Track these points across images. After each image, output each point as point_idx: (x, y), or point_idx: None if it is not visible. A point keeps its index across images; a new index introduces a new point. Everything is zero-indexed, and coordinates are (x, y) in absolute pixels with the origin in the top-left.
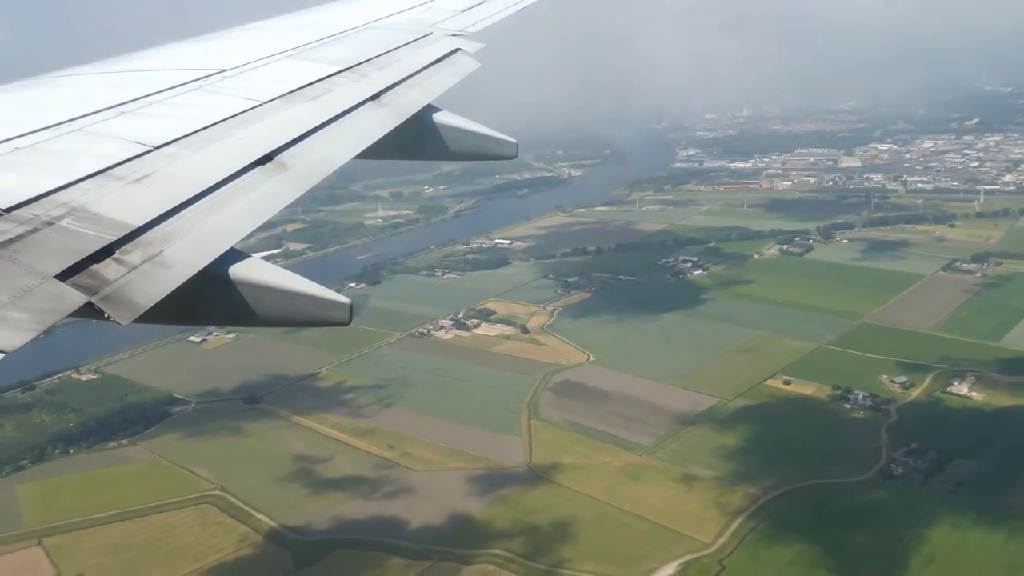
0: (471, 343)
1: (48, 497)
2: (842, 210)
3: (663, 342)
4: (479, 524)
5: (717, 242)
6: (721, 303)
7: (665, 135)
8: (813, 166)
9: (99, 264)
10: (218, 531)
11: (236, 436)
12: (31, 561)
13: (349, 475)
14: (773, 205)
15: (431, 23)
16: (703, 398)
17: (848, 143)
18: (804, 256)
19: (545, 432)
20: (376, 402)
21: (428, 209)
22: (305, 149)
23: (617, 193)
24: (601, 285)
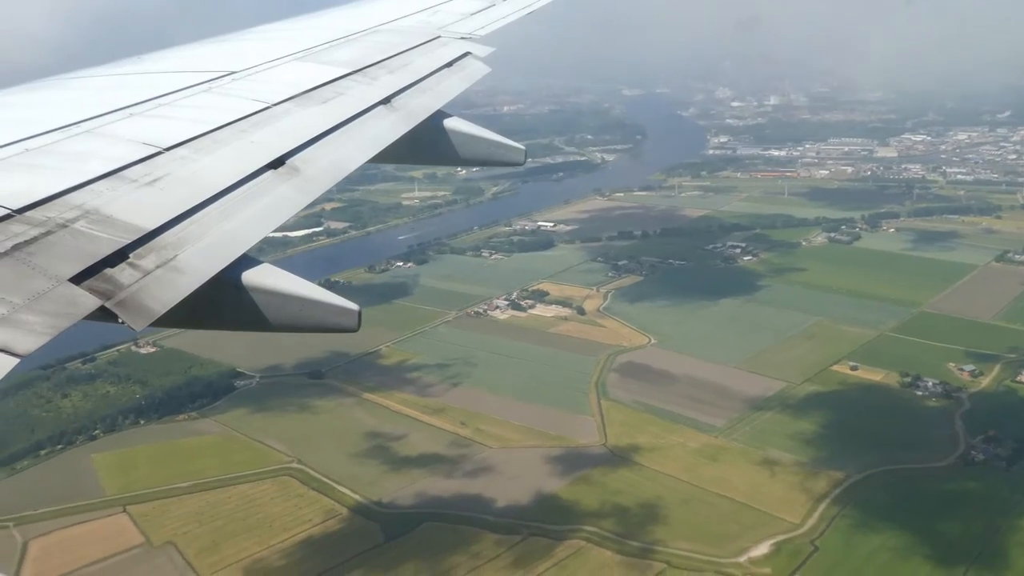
0: (529, 323)
1: (126, 466)
2: (884, 200)
3: (723, 326)
4: (565, 503)
5: (762, 229)
6: (777, 290)
7: (693, 122)
8: (848, 155)
9: (113, 268)
10: (302, 503)
11: (306, 412)
12: (118, 528)
13: (426, 452)
14: (814, 194)
15: (440, 26)
16: (771, 382)
17: (880, 133)
18: (852, 245)
19: (616, 412)
20: (443, 380)
21: (465, 190)
22: (317, 153)
23: (653, 178)
24: (651, 269)
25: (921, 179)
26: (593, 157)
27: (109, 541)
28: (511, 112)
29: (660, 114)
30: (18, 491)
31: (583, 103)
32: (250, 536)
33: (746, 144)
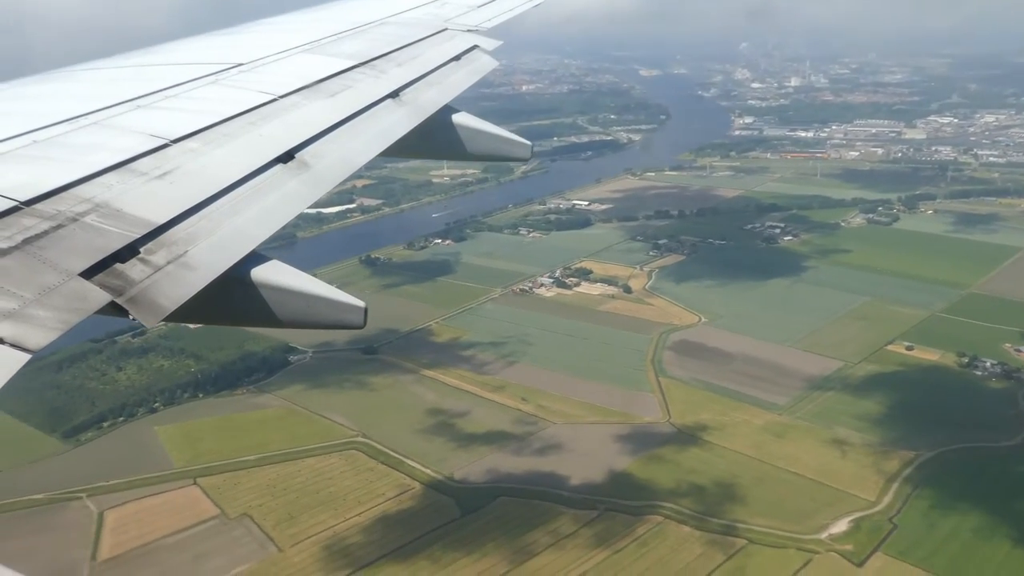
0: (576, 301)
1: (191, 439)
2: (919, 182)
3: (772, 306)
4: (640, 481)
5: (799, 209)
6: (823, 270)
7: (715, 103)
8: (875, 137)
9: (124, 264)
10: (372, 476)
11: (364, 388)
12: (191, 499)
13: (492, 429)
14: (848, 175)
15: (446, 18)
16: (828, 361)
17: (906, 115)
18: (892, 226)
19: (676, 390)
20: (499, 358)
21: (494, 169)
22: (326, 148)
23: (682, 158)
24: (692, 249)
25: (953, 161)
26: (618, 137)
27: (184, 513)
28: (530, 92)
29: (681, 95)
30: (86, 462)
31: (602, 83)
32: (325, 509)
33: (771, 125)
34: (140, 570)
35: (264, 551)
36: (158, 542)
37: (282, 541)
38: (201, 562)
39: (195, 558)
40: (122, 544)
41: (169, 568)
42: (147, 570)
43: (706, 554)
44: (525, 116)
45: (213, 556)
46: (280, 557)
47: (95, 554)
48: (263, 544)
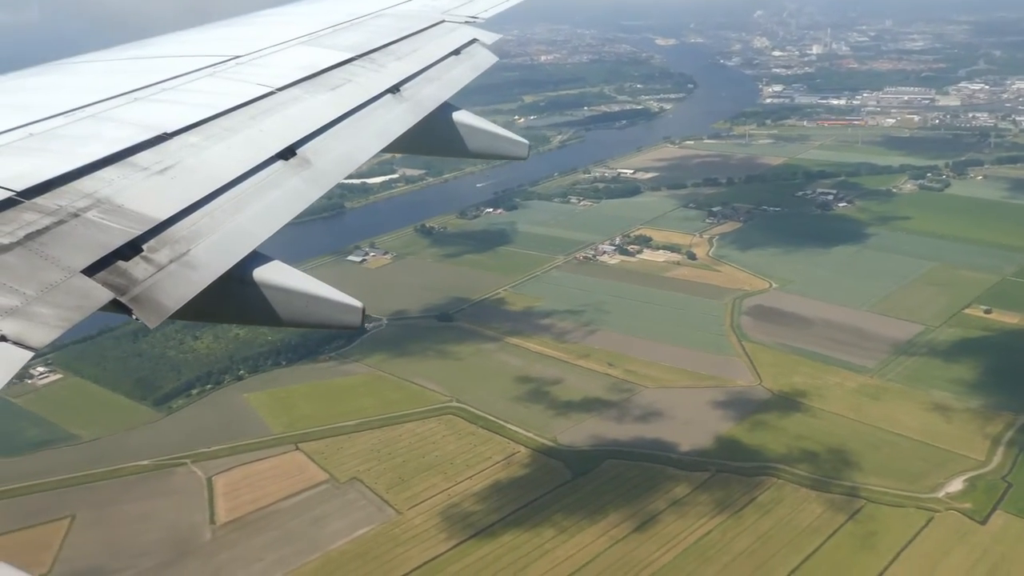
0: (641, 268)
1: (283, 406)
2: (963, 148)
3: (841, 272)
4: (746, 445)
5: (847, 176)
6: (887, 236)
7: (739, 71)
8: (908, 104)
9: (127, 262)
10: (474, 441)
11: (447, 356)
12: (297, 464)
13: (588, 396)
14: (890, 142)
15: (444, 10)
16: (907, 325)
17: (935, 82)
18: (944, 192)
19: (762, 354)
20: (579, 325)
21: (529, 139)
22: (327, 144)
23: (718, 126)
24: (748, 216)
25: (993, 127)
26: (649, 106)
27: (293, 477)
28: (549, 62)
29: (702, 64)
30: (182, 429)
31: (620, 53)
32: (434, 473)
33: (801, 93)
34: (261, 533)
35: (382, 514)
36: (273, 506)
37: (398, 504)
38: (321, 525)
39: (314, 521)
40: (238, 508)
41: (290, 531)
42: (267, 533)
43: (827, 514)
44: (550, 86)
45: (332, 519)
46: (400, 520)
47: (213, 517)
48: (379, 507)
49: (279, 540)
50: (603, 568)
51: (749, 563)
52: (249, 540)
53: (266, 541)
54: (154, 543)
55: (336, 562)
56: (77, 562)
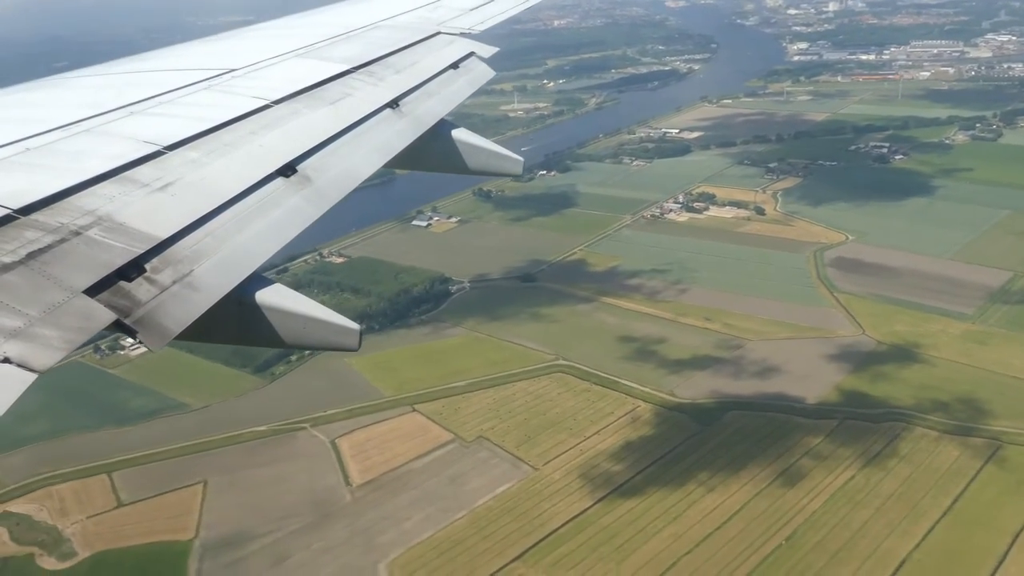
0: (712, 224)
1: (388, 369)
2: (1006, 99)
3: (916, 222)
4: (869, 392)
5: (895, 130)
6: (954, 187)
7: (758, 31)
8: (939, 57)
9: (130, 283)
10: (592, 397)
11: (542, 317)
12: (418, 425)
13: (697, 354)
14: (931, 95)
15: (439, 22)
16: (996, 272)
17: (960, 35)
18: (999, 142)
19: (857, 304)
20: (668, 283)
21: (564, 102)
22: (327, 160)
23: (752, 85)
24: (806, 171)
25: None
26: (676, 67)
27: (417, 438)
28: (563, 27)
29: (720, 24)
30: (291, 394)
31: (634, 16)
32: (559, 429)
33: (827, 50)
34: (400, 493)
35: (518, 471)
36: (406, 466)
37: (532, 460)
38: (460, 483)
39: (451, 480)
40: (370, 469)
41: (429, 490)
42: (407, 493)
43: (964, 458)
44: (571, 50)
45: (469, 477)
46: (538, 476)
47: (348, 479)
48: (514, 464)
49: (421, 499)
50: (754, 516)
51: (900, 505)
52: (390, 500)
53: (408, 500)
54: (294, 505)
55: (485, 518)
56: (221, 526)
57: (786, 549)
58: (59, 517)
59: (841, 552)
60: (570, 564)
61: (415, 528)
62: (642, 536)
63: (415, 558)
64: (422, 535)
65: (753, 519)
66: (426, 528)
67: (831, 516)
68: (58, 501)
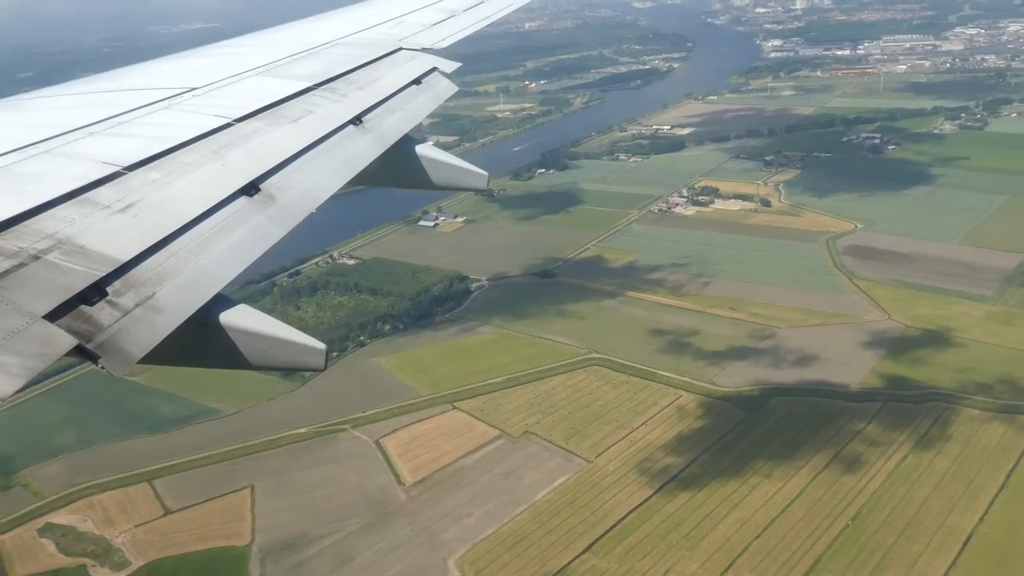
0: (720, 217)
1: (420, 368)
2: (985, 89)
3: (921, 210)
4: (907, 375)
5: (883, 121)
6: (953, 175)
7: (731, 29)
8: (912, 51)
9: (91, 306)
10: (632, 388)
11: (569, 312)
12: (461, 422)
13: (730, 342)
14: (913, 87)
15: (401, 38)
16: (1006, 255)
17: (929, 29)
18: (986, 131)
19: (878, 290)
20: (688, 275)
21: (551, 102)
22: (291, 179)
23: (734, 81)
24: (804, 163)
25: (1007, 67)
26: (655, 66)
27: (463, 435)
28: (535, 29)
29: (691, 24)
30: (324, 397)
31: (604, 17)
32: (605, 421)
33: (802, 46)
34: (455, 490)
35: (571, 463)
36: (456, 463)
37: (584, 453)
38: (515, 478)
39: (506, 475)
40: (421, 468)
41: (485, 486)
42: (463, 490)
43: (1011, 434)
44: (547, 51)
45: (523, 472)
46: (592, 468)
47: (399, 478)
48: (566, 457)
49: (479, 495)
50: (815, 499)
51: (956, 483)
52: (447, 497)
53: (465, 497)
54: (348, 506)
55: (546, 512)
56: (278, 530)
57: (853, 529)
58: (105, 527)
59: (908, 529)
60: (641, 553)
61: (478, 524)
62: (708, 523)
63: (483, 554)
64: (486, 531)
65: (815, 502)
66: (489, 524)
67: (891, 496)
68: (101, 511)
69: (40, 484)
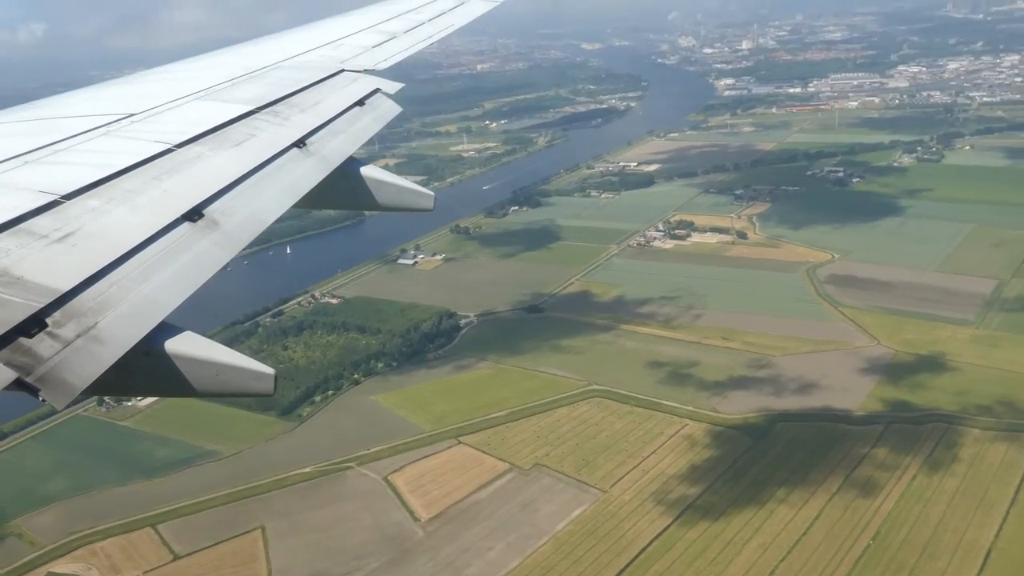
0: (699, 250)
1: (419, 404)
2: (936, 124)
3: (893, 240)
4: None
5: (844, 155)
6: (921, 206)
7: (681, 69)
8: (861, 88)
9: (30, 339)
10: (637, 419)
11: (564, 348)
12: (468, 457)
13: (728, 371)
14: (866, 122)
15: (342, 60)
16: (981, 280)
17: (873, 68)
18: (943, 163)
19: (862, 317)
20: (678, 308)
21: (514, 141)
22: (235, 203)
23: (692, 119)
24: (773, 196)
25: (953, 103)
26: (613, 105)
27: (472, 469)
28: (487, 71)
29: (642, 64)
30: (326, 435)
31: (555, 59)
32: (615, 451)
33: (754, 84)
34: (473, 524)
35: (586, 494)
36: (470, 498)
37: (599, 484)
38: (531, 510)
39: (522, 507)
40: (434, 503)
41: (503, 519)
42: (480, 524)
43: (1013, 451)
44: (503, 92)
45: (538, 504)
46: (608, 498)
47: (413, 515)
48: (580, 488)
49: (497, 529)
50: (834, 521)
51: (968, 500)
52: (465, 532)
53: (484, 531)
54: (365, 544)
55: (568, 543)
56: (295, 570)
57: (875, 549)
58: (112, 575)
59: (929, 547)
60: None
61: (500, 558)
62: (732, 548)
63: None
64: (510, 564)
65: (833, 524)
66: (512, 557)
67: (907, 515)
68: (105, 558)
69: (35, 533)
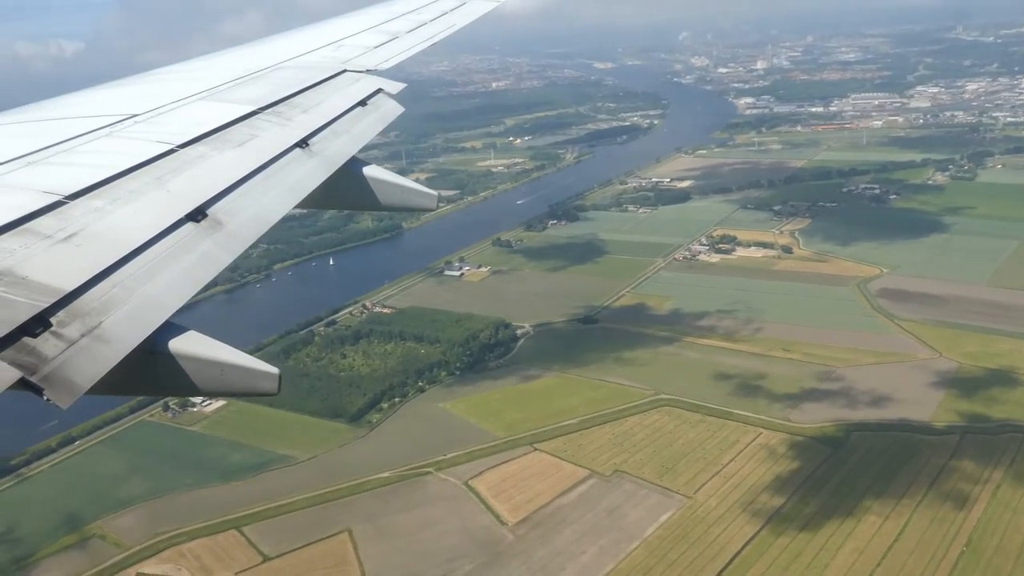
0: (746, 264)
1: (489, 412)
2: (964, 143)
3: (940, 255)
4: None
5: (876, 172)
6: (965, 223)
7: (698, 88)
8: (882, 108)
9: (35, 338)
10: (711, 427)
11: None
12: (547, 463)
13: (800, 383)
14: (895, 141)
15: (344, 60)
16: None
17: (892, 88)
18: (977, 181)
19: (921, 329)
20: (737, 320)
21: (542, 157)
22: (238, 204)
23: (717, 136)
24: (812, 212)
25: (977, 123)
26: (636, 122)
27: (553, 475)
28: (503, 88)
29: (658, 83)
30: (399, 441)
31: (569, 77)
32: (694, 459)
33: (775, 104)
34: (562, 528)
35: (671, 500)
36: (554, 502)
37: (682, 490)
38: (618, 515)
39: (609, 512)
40: (519, 508)
41: (591, 524)
42: (569, 528)
43: None
44: (523, 109)
45: (624, 509)
46: (694, 503)
47: (500, 519)
48: (664, 494)
49: (587, 533)
50: (924, 528)
51: None
52: (555, 536)
53: (573, 535)
54: (456, 547)
55: (661, 547)
56: (389, 572)
57: (969, 555)
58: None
59: (1023, 555)
60: None
61: (594, 561)
62: (826, 553)
63: None
64: (605, 567)
65: (924, 531)
66: (606, 560)
67: (996, 522)
68: (193, 559)
69: (118, 535)
